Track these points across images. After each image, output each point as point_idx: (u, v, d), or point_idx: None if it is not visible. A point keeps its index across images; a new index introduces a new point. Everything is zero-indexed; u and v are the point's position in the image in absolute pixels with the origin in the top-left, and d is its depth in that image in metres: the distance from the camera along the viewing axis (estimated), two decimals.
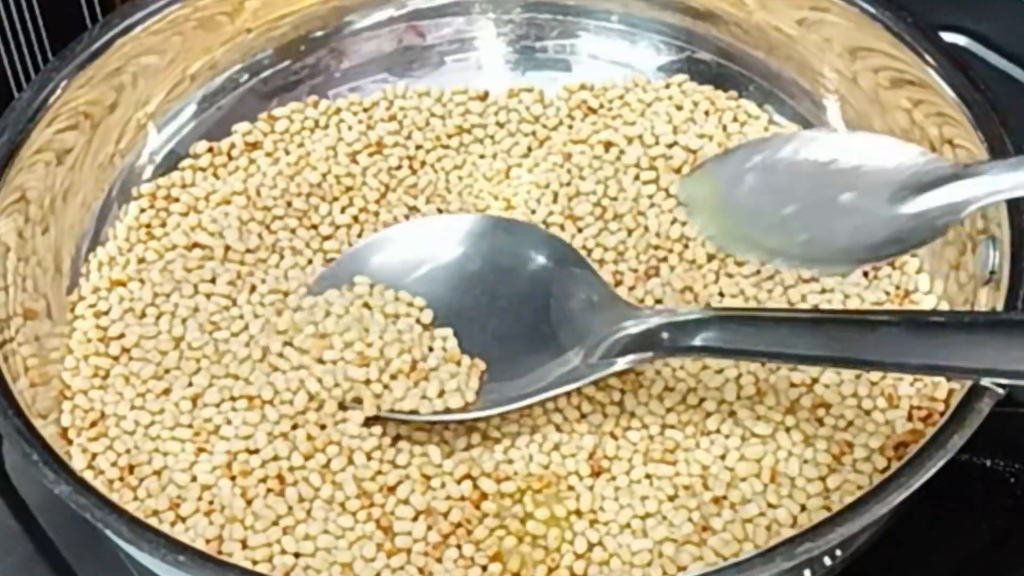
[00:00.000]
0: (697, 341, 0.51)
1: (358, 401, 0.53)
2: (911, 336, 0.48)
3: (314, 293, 0.56)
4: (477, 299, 0.56)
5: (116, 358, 0.56)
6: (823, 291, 0.57)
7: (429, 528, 0.51)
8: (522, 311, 0.56)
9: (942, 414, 0.51)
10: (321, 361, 0.54)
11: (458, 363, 0.54)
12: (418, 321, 0.55)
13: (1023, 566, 0.55)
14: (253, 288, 0.57)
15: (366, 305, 0.56)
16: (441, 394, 0.53)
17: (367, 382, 0.53)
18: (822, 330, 0.50)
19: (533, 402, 0.53)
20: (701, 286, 0.57)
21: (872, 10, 0.59)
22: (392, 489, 0.52)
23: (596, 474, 0.52)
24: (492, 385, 0.54)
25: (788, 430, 0.53)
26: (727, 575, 0.45)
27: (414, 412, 0.53)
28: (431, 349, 0.55)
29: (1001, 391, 0.47)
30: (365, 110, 0.64)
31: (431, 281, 0.56)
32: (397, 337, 0.54)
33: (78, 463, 0.53)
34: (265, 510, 0.51)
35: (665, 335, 0.52)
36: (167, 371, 0.55)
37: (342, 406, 0.53)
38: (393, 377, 0.54)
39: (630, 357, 0.53)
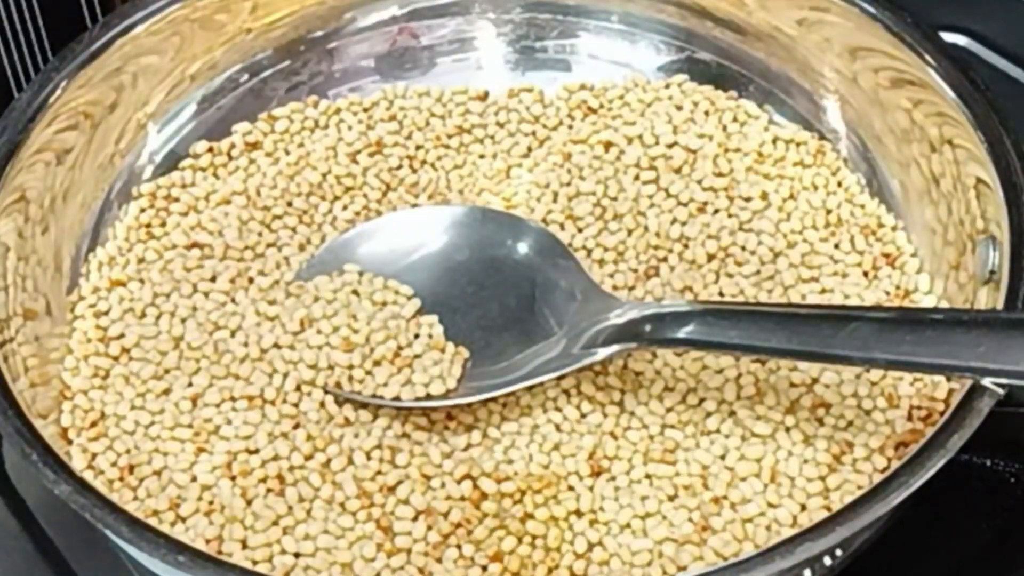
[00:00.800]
0: (680, 334, 0.52)
1: (339, 386, 0.54)
2: (891, 333, 0.48)
3: (304, 279, 0.57)
4: (463, 288, 0.56)
5: (116, 358, 0.56)
6: (823, 291, 0.57)
7: (429, 528, 0.51)
8: (507, 300, 0.56)
9: (942, 414, 0.50)
10: (309, 346, 0.54)
11: (442, 350, 0.54)
12: (404, 309, 0.56)
13: (1023, 566, 0.55)
14: (252, 282, 0.57)
15: (355, 292, 0.56)
16: (424, 381, 0.54)
17: (350, 367, 0.54)
18: (809, 324, 0.50)
19: (514, 389, 0.53)
20: (701, 286, 0.57)
21: (872, 10, 0.59)
22: (392, 489, 0.52)
23: (596, 474, 0.52)
24: (475, 372, 0.54)
25: (788, 430, 0.53)
26: (727, 575, 0.45)
27: (396, 399, 0.53)
28: (416, 336, 0.55)
29: (1001, 391, 0.47)
30: (365, 110, 0.64)
31: (419, 270, 0.57)
32: (384, 324, 0.55)
33: (78, 463, 0.53)
34: (265, 510, 0.51)
35: (648, 327, 0.52)
36: (167, 371, 0.55)
37: (324, 390, 0.54)
38: (377, 363, 0.54)
39: (613, 348, 0.53)
